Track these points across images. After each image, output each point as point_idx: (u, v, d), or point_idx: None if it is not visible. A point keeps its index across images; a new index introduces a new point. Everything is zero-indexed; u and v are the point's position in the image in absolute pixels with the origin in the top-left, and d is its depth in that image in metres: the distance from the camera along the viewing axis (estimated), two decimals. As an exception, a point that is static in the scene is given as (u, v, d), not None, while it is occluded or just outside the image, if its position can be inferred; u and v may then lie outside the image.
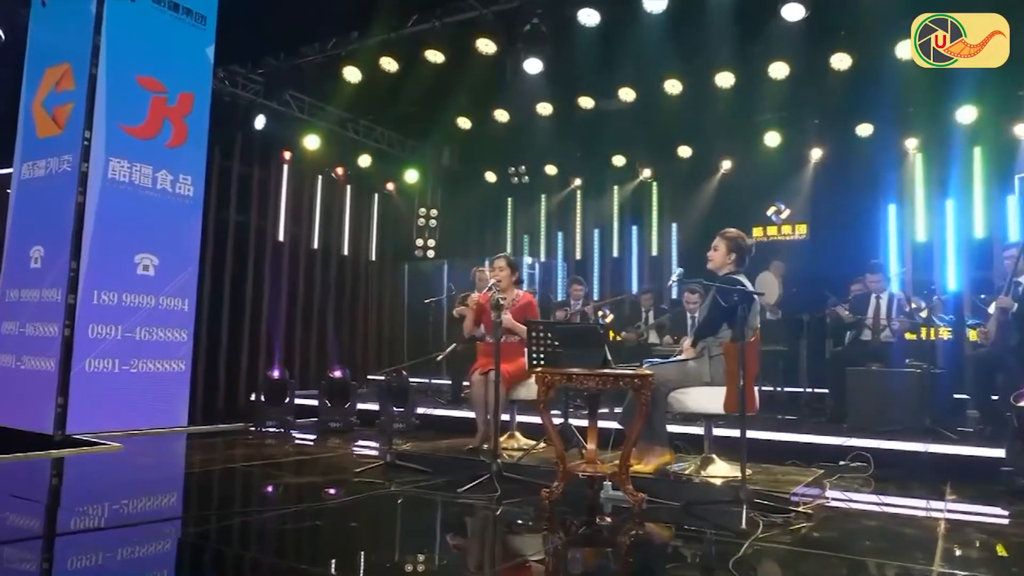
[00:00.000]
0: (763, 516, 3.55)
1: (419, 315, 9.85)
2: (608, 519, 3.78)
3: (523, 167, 11.07)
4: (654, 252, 10.43)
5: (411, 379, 7.36)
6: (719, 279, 4.37)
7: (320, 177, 10.31)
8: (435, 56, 7.22)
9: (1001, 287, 7.79)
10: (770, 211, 9.51)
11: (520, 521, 3.77)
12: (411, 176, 11.26)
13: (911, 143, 8.67)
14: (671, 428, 4.57)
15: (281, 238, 9.73)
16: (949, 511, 4.01)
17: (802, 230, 9.31)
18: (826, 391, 7.15)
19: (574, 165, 10.76)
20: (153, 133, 6.62)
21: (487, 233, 11.71)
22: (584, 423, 4.51)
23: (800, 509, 3.75)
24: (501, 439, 5.05)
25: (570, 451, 4.96)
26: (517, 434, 5.42)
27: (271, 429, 7.08)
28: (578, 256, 10.99)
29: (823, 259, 8.79)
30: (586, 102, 8.34)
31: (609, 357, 3.91)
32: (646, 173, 10.31)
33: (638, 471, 4.25)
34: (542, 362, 4.75)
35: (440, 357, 5.71)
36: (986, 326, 5.96)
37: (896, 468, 5.07)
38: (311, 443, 6.48)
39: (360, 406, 7.35)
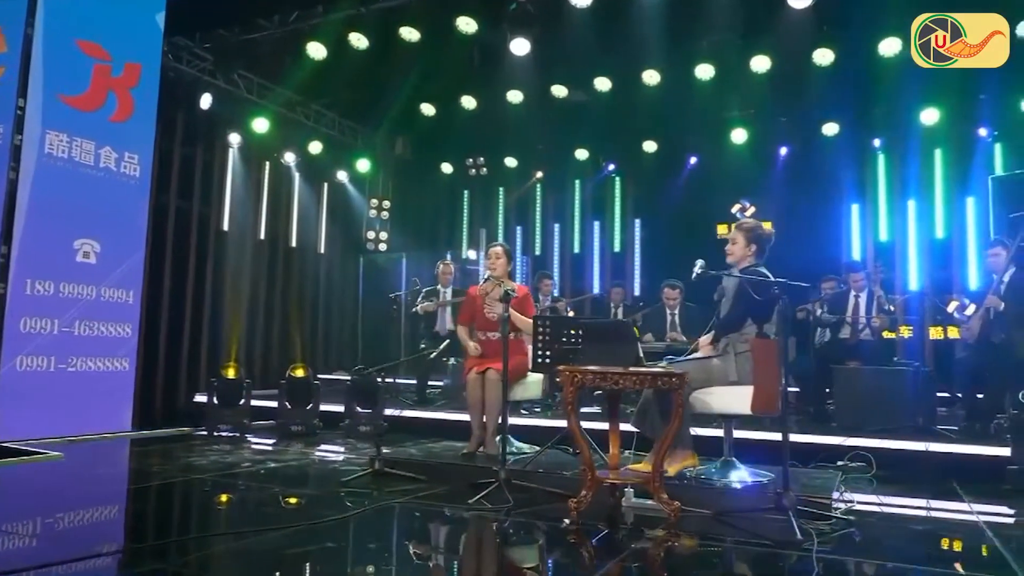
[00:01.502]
0: (806, 523, 3.32)
1: (375, 310, 9.37)
2: (648, 531, 3.47)
3: (481, 159, 10.70)
4: (616, 248, 10.25)
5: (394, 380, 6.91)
6: (747, 272, 4.14)
7: (268, 163, 9.66)
8: (410, 34, 6.77)
9: (953, 289, 7.99)
10: (735, 208, 9.42)
11: (551, 538, 3.42)
12: (363, 165, 10.72)
13: (876, 143, 8.74)
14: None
15: (226, 227, 9.05)
16: (980, 512, 3.89)
17: (767, 227, 9.24)
18: (797, 390, 7.08)
19: (535, 157, 10.46)
20: (96, 105, 5.94)
21: (442, 226, 11.29)
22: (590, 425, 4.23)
23: (838, 515, 3.56)
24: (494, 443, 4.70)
25: (578, 455, 4.67)
26: (511, 438, 5.07)
27: (225, 433, 6.50)
28: (537, 251, 10.71)
29: (788, 257, 8.74)
30: (559, 91, 8.03)
31: (641, 354, 3.62)
32: (610, 167, 10.09)
33: (632, 471, 3.99)
34: (548, 360, 4.45)
35: (433, 355, 5.29)
36: (969, 324, 5.97)
37: (896, 468, 4.96)
38: (270, 448, 5.96)
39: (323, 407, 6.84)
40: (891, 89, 7.99)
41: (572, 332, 4.37)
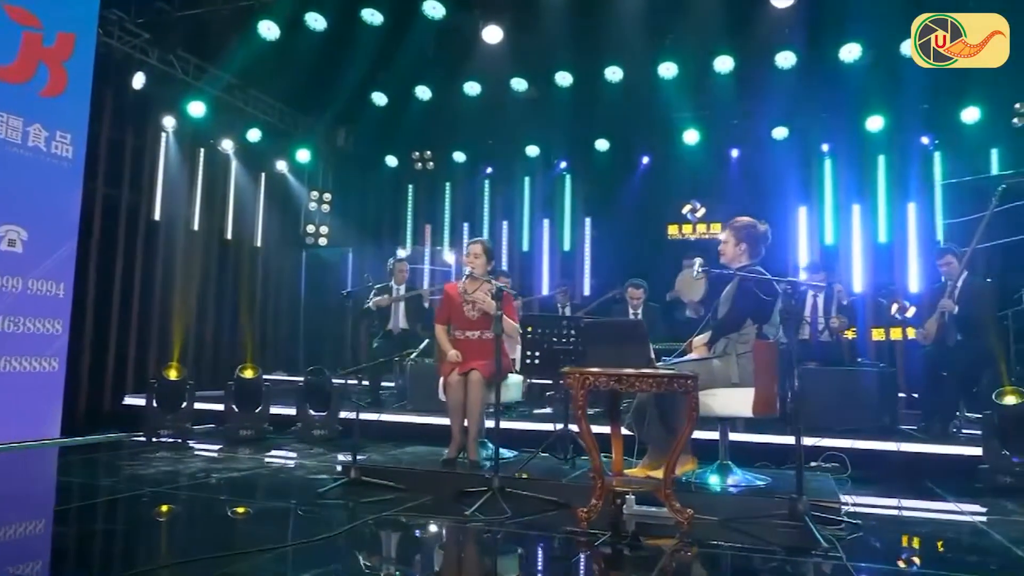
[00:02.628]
0: (811, 528, 3.24)
1: (319, 308, 8.92)
2: (663, 541, 3.31)
3: (428, 152, 10.38)
4: (566, 247, 10.13)
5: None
6: (746, 271, 4.05)
7: (203, 150, 9.07)
8: (372, 16, 6.43)
9: (894, 290, 8.24)
10: (685, 209, 9.49)
11: (565, 551, 3.22)
12: (303, 156, 10.24)
13: (823, 148, 8.93)
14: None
15: (157, 217, 8.43)
16: (972, 513, 3.91)
17: (717, 229, 9.34)
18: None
19: (484, 153, 10.22)
20: (25, 77, 5.37)
21: (385, 221, 10.89)
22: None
23: (846, 519, 3.50)
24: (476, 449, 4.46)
25: (569, 461, 4.49)
26: (488, 443, 4.83)
27: (165, 439, 6.01)
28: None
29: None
30: (519, 84, 7.83)
31: (653, 355, 3.47)
32: (562, 165, 9.96)
33: (642, 478, 3.85)
34: (537, 361, 4.26)
35: (414, 355, 4.99)
36: (924, 327, 6.10)
37: (869, 469, 4.99)
38: (220, 455, 5.54)
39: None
40: (840, 95, 8.19)
41: (563, 332, 4.20)
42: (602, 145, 9.56)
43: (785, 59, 7.00)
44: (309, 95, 9.44)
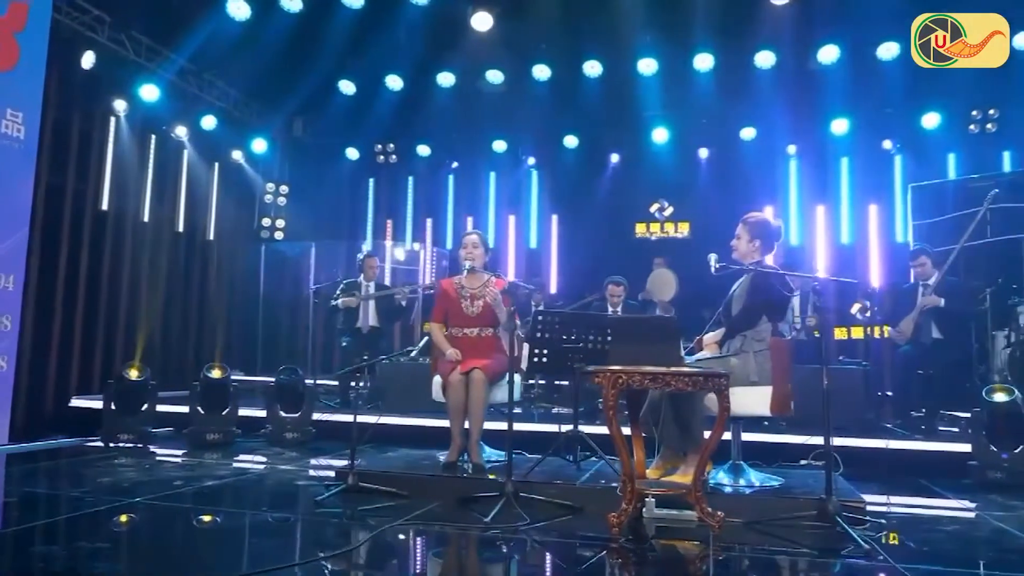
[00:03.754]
0: (847, 529, 3.18)
1: (278, 305, 8.54)
2: (694, 545, 3.19)
3: (392, 145, 10.08)
4: (533, 244, 9.99)
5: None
6: (760, 267, 3.98)
7: (154, 137, 8.56)
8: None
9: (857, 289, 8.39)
10: (653, 208, 9.47)
11: (601, 559, 3.06)
12: (259, 146, 9.81)
13: (790, 149, 9.03)
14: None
15: (104, 207, 7.90)
16: (981, 510, 3.93)
17: (684, 228, 9.37)
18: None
19: (450, 146, 9.99)
20: (-27, 49, 4.89)
21: (344, 215, 10.52)
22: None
23: (870, 519, 3.46)
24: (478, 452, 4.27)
25: (583, 461, 4.34)
26: (484, 445, 4.64)
27: (125, 444, 5.60)
28: (448, 245, 10.24)
29: (704, 258, 8.87)
30: (495, 76, 7.64)
31: (683, 353, 3.35)
32: (530, 161, 9.82)
33: (673, 481, 3.74)
34: (545, 359, 4.10)
35: (414, 352, 4.76)
36: (900, 327, 6.19)
37: (859, 466, 5.00)
38: (184, 460, 5.20)
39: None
40: (808, 97, 8.29)
41: (574, 330, 4.05)
42: (571, 142, 9.45)
43: (765, 59, 7.01)
44: (268, 82, 9.02)
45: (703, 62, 7.13)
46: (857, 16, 6.30)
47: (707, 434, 4.01)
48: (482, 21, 6.14)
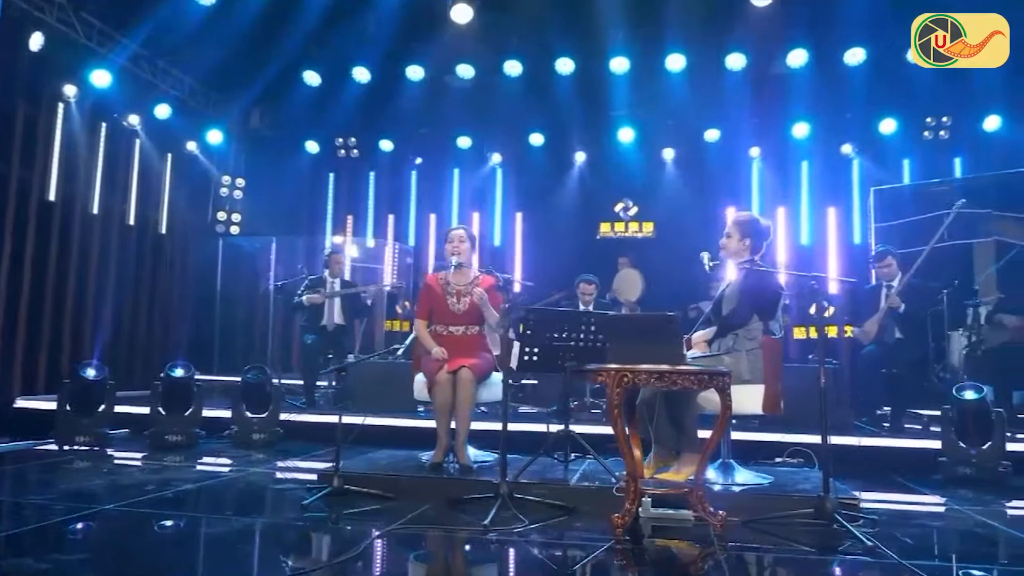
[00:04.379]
0: (848, 527, 3.20)
1: (236, 301, 8.26)
2: (696, 545, 3.16)
3: (353, 139, 9.86)
4: (496, 242, 9.91)
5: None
6: (744, 266, 3.99)
7: (105, 125, 8.18)
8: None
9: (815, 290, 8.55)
10: (618, 207, 9.50)
11: (608, 560, 3.00)
12: (215, 137, 9.48)
13: (752, 152, 9.17)
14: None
15: (52, 197, 7.51)
16: (965, 506, 4.01)
17: (649, 228, 9.42)
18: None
19: (414, 142, 9.83)
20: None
21: (303, 210, 10.25)
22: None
23: (863, 515, 3.49)
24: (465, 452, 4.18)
25: (573, 460, 4.28)
26: (469, 446, 4.54)
27: (81, 447, 5.31)
28: (411, 242, 10.09)
29: (668, 258, 8.94)
30: (466, 71, 7.53)
31: (686, 351, 3.32)
32: (496, 158, 9.73)
33: (673, 480, 3.73)
34: (535, 358, 4.04)
35: (401, 351, 4.62)
36: (864, 327, 6.32)
37: (834, 464, 5.08)
38: (144, 463, 4.98)
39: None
40: (770, 101, 8.42)
41: (564, 328, 3.99)
42: (537, 140, 9.41)
43: (736, 61, 7.09)
44: (226, 71, 8.72)
45: (675, 62, 7.15)
46: (830, 21, 6.41)
47: (702, 433, 4.06)
48: (462, 13, 6.03)
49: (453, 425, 4.17)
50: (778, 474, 4.24)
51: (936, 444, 4.90)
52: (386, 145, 9.78)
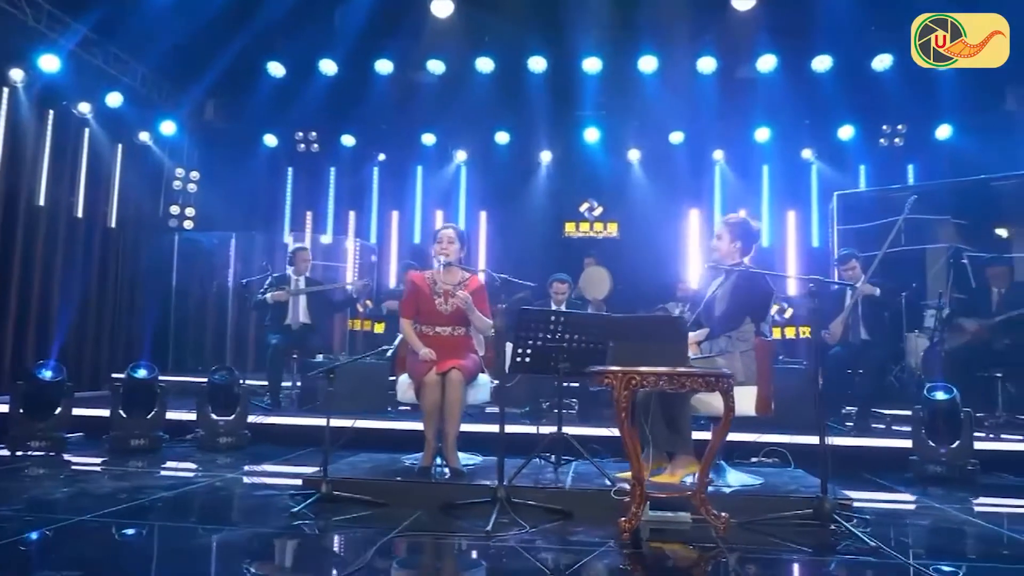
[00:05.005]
0: (850, 528, 3.24)
1: (193, 298, 7.95)
2: (702, 547, 3.15)
3: (313, 133, 9.61)
4: (460, 241, 9.79)
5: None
6: (735, 269, 4.02)
7: (53, 112, 7.77)
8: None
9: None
10: (583, 207, 9.51)
11: (621, 565, 2.96)
12: (168, 128, 9.12)
13: (716, 155, 9.30)
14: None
15: (-6, 187, 7.10)
16: (945, 503, 4.11)
17: (613, 228, 9.46)
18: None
19: (376, 138, 9.65)
20: None
21: (260, 205, 9.95)
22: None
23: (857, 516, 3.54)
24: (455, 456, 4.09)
25: (565, 465, 4.22)
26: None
27: (36, 452, 5.02)
28: (373, 239, 9.90)
29: (633, 259, 9.01)
30: (436, 66, 7.40)
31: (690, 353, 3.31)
32: (460, 156, 9.63)
33: (661, 481, 3.73)
34: (527, 359, 3.99)
35: (390, 352, 4.49)
36: (830, 328, 6.45)
37: (805, 462, 5.16)
38: (101, 469, 4.74)
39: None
40: (737, 105, 8.56)
41: (556, 329, 3.94)
42: (502, 138, 9.35)
43: (706, 64, 7.16)
44: (181, 60, 8.39)
45: (648, 64, 7.19)
46: (802, 27, 6.53)
47: (698, 435, 4.07)
48: (442, 8, 5.92)
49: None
50: (765, 474, 4.28)
51: (905, 443, 5.03)
52: (348, 140, 9.58)
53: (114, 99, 8.27)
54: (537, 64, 7.33)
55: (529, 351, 3.95)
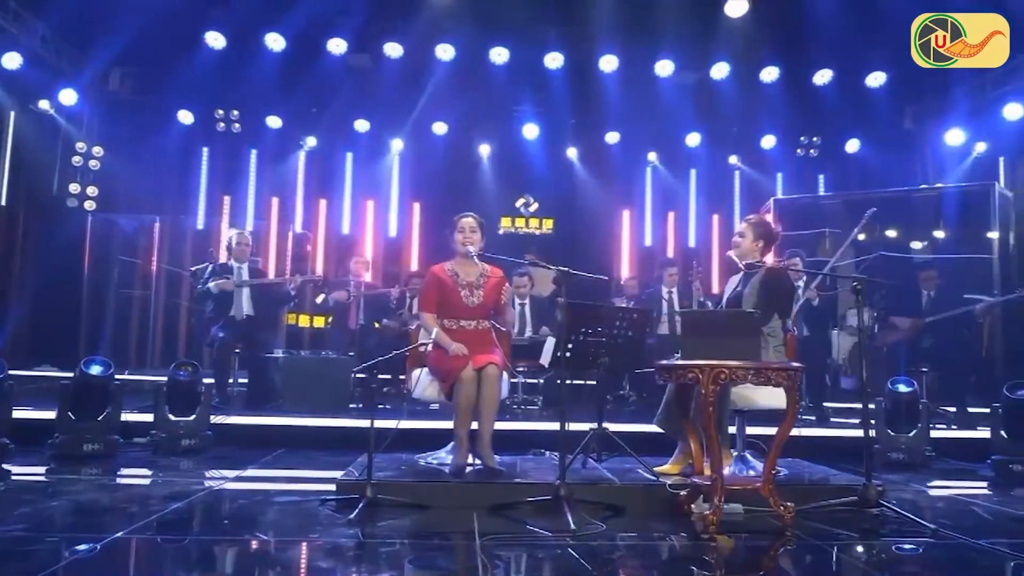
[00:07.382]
0: (902, 513, 3.43)
1: (104, 287, 7.18)
2: (764, 538, 3.21)
3: (235, 112, 8.96)
4: (392, 233, 9.50)
5: (151, 377, 5.34)
6: (754, 267, 4.16)
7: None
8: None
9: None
10: (519, 203, 9.50)
11: (727, 560, 2.96)
12: (68, 97, 8.19)
13: (649, 157, 9.56)
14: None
15: None
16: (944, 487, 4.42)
17: (548, 225, 9.50)
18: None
19: (305, 121, 9.14)
20: None
21: (171, 187, 9.13)
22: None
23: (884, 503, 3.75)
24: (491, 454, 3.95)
25: (585, 461, 4.17)
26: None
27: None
28: (297, 228, 9.38)
29: (568, 256, 9.08)
30: (393, 49, 7.10)
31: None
32: (396, 145, 9.32)
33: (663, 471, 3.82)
34: (569, 354, 3.93)
35: (424, 349, 4.21)
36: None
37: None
38: (47, 476, 4.22)
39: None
40: (676, 109, 8.84)
41: (595, 324, 3.91)
42: (440, 128, 9.14)
43: (663, 68, 7.34)
44: (87, 21, 7.57)
45: (608, 64, 7.27)
46: (757, 40, 6.83)
47: (736, 427, 4.16)
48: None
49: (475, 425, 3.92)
50: (782, 464, 4.42)
51: (856, 433, 5.38)
52: (274, 122, 9.00)
53: (11, 60, 7.33)
54: (499, 56, 7.22)
55: (571, 346, 3.88)
